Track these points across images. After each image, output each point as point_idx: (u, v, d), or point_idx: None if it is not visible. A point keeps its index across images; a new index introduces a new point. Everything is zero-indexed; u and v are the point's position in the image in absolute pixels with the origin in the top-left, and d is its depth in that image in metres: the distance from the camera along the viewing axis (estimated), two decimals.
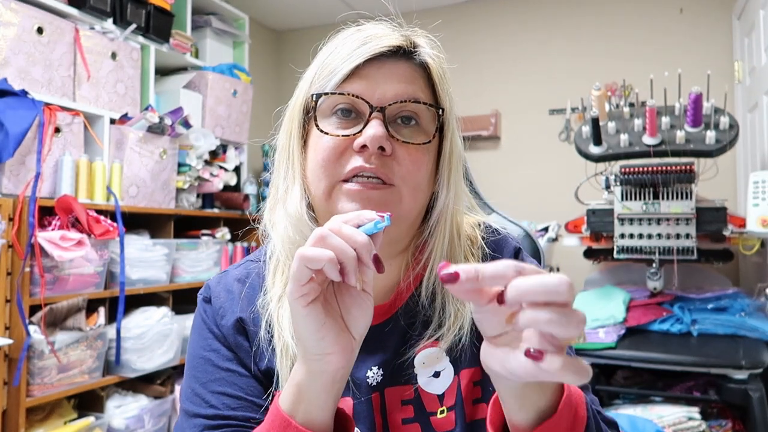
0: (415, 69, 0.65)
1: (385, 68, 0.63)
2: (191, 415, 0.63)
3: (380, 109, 0.61)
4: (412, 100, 0.62)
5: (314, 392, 0.53)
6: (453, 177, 0.67)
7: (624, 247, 2.11)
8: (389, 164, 0.61)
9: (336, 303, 0.53)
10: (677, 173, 2.03)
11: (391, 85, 0.62)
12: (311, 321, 0.50)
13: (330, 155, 0.62)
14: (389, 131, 0.61)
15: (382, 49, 0.62)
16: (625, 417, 1.78)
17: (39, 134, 1.96)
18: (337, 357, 0.52)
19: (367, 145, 0.59)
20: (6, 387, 1.80)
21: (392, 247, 0.67)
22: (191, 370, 0.67)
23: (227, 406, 0.63)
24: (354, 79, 0.62)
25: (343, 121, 0.63)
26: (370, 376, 0.66)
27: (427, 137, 0.64)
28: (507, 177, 3.37)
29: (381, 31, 0.65)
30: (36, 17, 2.04)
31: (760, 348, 1.89)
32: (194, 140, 2.57)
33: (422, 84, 0.65)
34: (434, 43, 0.68)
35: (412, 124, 0.63)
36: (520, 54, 3.44)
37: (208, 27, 2.98)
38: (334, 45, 0.65)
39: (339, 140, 0.62)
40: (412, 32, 0.67)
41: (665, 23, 3.12)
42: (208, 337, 0.68)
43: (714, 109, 2.08)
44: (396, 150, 0.61)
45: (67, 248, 1.90)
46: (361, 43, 0.63)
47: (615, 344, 1.96)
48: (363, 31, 0.65)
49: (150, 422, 2.18)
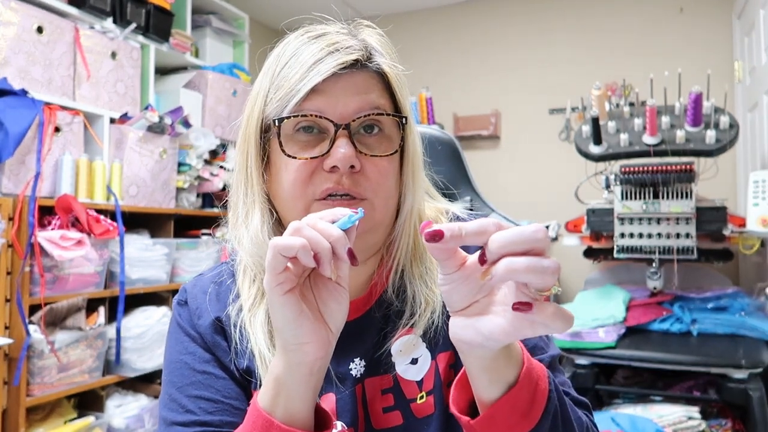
0: (372, 76, 0.64)
1: (343, 81, 0.62)
2: (168, 424, 0.63)
3: (345, 126, 0.61)
4: (375, 113, 0.62)
5: (293, 384, 0.53)
6: (417, 177, 0.68)
7: (624, 246, 2.11)
8: (359, 181, 0.62)
9: (312, 296, 0.54)
10: (677, 173, 2.03)
11: (351, 98, 0.62)
12: (289, 309, 0.51)
13: (300, 176, 0.62)
14: (356, 148, 0.61)
15: (339, 66, 0.61)
16: (625, 416, 1.78)
17: (39, 134, 1.96)
18: (315, 347, 0.52)
19: (338, 166, 0.60)
20: (6, 386, 1.80)
21: (366, 253, 0.69)
22: (168, 376, 0.68)
23: (204, 410, 0.62)
24: (312, 96, 0.61)
25: (309, 138, 0.63)
26: (353, 368, 0.67)
27: (391, 144, 0.64)
28: (507, 177, 3.37)
29: (334, 38, 0.64)
30: (36, 17, 2.04)
31: (759, 347, 1.89)
32: (194, 140, 2.57)
33: (380, 90, 0.65)
34: (383, 40, 0.68)
35: (375, 132, 0.64)
36: (520, 54, 3.44)
37: (208, 26, 2.98)
38: (286, 58, 0.64)
39: (307, 163, 0.62)
40: (359, 28, 0.67)
41: (665, 23, 3.12)
42: (183, 341, 0.69)
43: (714, 108, 2.08)
44: (364, 165, 0.62)
45: (67, 248, 1.90)
46: (317, 59, 0.61)
47: (615, 344, 1.96)
48: (316, 41, 0.64)
49: (150, 422, 2.18)
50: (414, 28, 3.62)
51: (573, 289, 2.97)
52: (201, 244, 2.55)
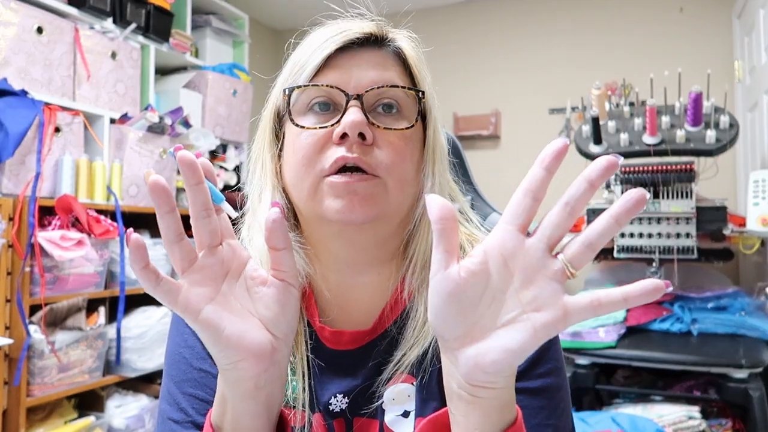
0: (390, 56, 0.62)
1: (359, 56, 0.60)
2: (164, 417, 0.62)
3: (357, 97, 0.57)
4: (389, 85, 0.59)
5: (237, 400, 0.50)
6: (437, 167, 0.63)
7: (624, 246, 2.11)
8: (371, 152, 0.57)
9: (249, 300, 0.49)
10: (677, 172, 2.03)
11: (365, 72, 0.59)
12: (206, 332, 0.46)
13: (310, 151, 0.58)
14: (369, 118, 0.58)
15: (353, 36, 0.59)
16: (625, 416, 1.78)
17: (39, 134, 1.96)
18: (251, 363, 0.48)
19: (347, 132, 0.56)
20: (6, 387, 1.80)
21: (380, 250, 0.62)
22: (167, 367, 0.66)
23: (197, 411, 0.60)
24: (326, 71, 0.59)
25: (321, 115, 0.59)
26: (333, 403, 0.62)
27: (409, 123, 0.60)
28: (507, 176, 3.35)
29: (352, 24, 0.62)
30: (36, 17, 2.04)
31: (760, 347, 1.89)
32: (194, 140, 2.57)
33: (398, 70, 0.62)
34: (409, 34, 0.65)
35: (393, 112, 0.60)
36: (520, 53, 3.44)
37: (208, 26, 2.98)
38: (304, 42, 0.63)
39: (318, 134, 0.58)
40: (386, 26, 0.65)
41: (665, 22, 3.12)
42: (184, 332, 0.66)
43: (714, 108, 2.08)
44: (377, 138, 0.58)
45: (67, 248, 1.90)
46: (332, 34, 0.60)
47: (615, 343, 1.96)
48: (333, 25, 0.63)
49: (150, 422, 2.18)
50: (413, 28, 3.59)
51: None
52: None
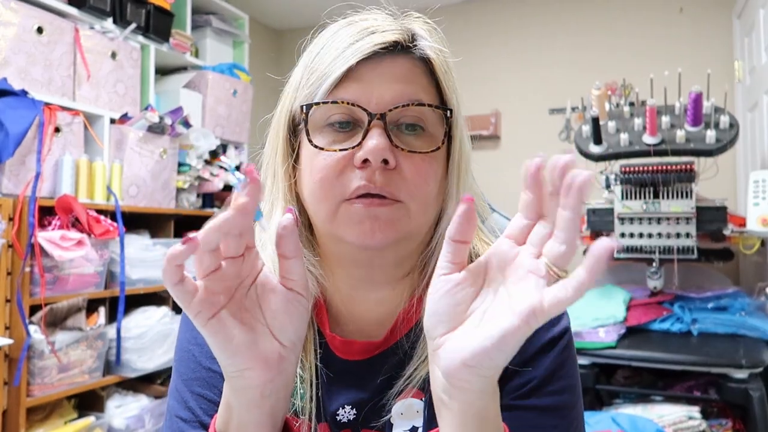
0: (416, 65, 0.57)
1: (382, 67, 0.55)
2: (173, 415, 0.62)
3: (380, 117, 0.54)
4: (415, 103, 0.55)
5: (243, 409, 0.49)
6: (462, 184, 0.59)
7: (624, 246, 2.11)
8: (394, 180, 0.54)
9: (259, 309, 0.48)
10: (677, 172, 2.03)
11: (388, 87, 0.55)
12: (215, 338, 0.45)
13: (329, 174, 0.55)
14: (392, 141, 0.54)
15: (375, 47, 0.55)
16: (625, 416, 1.78)
17: (39, 134, 1.96)
18: (258, 372, 0.47)
19: (369, 159, 0.53)
20: (6, 387, 1.80)
21: (398, 269, 0.61)
22: (176, 363, 0.65)
23: (205, 411, 0.60)
24: (346, 82, 0.55)
25: (340, 133, 0.56)
26: (340, 414, 0.61)
27: (434, 144, 0.56)
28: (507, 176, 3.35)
29: (373, 23, 0.57)
30: (36, 17, 2.04)
31: (760, 347, 1.89)
32: (194, 140, 2.56)
33: (424, 82, 0.58)
34: (434, 30, 0.61)
35: (416, 131, 0.56)
36: (520, 53, 3.44)
37: (208, 26, 2.98)
38: (321, 43, 0.59)
39: (337, 157, 0.55)
40: (407, 17, 0.61)
41: (665, 22, 3.12)
42: (193, 328, 0.64)
43: (714, 108, 2.08)
44: (401, 162, 0.55)
45: (67, 248, 1.90)
46: (353, 40, 0.55)
47: (615, 344, 1.96)
48: (353, 24, 0.58)
49: (150, 422, 2.18)
50: None
51: None
52: None
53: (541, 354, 0.59)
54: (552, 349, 0.60)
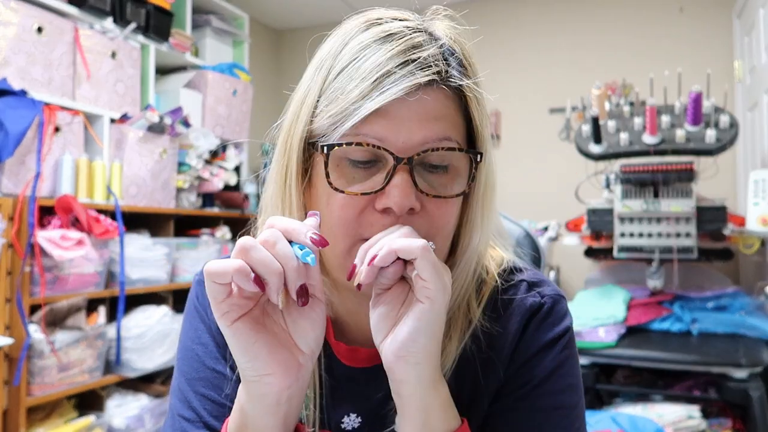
0: (447, 97, 0.53)
1: (414, 102, 0.51)
2: (175, 414, 0.62)
3: (407, 161, 0.51)
4: (445, 147, 0.52)
5: (258, 416, 0.49)
6: (486, 216, 0.58)
7: (624, 246, 2.11)
8: (417, 222, 0.52)
9: (281, 316, 0.49)
10: (677, 172, 2.03)
11: (418, 126, 0.51)
12: (238, 341, 0.46)
13: (348, 215, 0.52)
14: (417, 186, 0.51)
15: (413, 87, 0.50)
16: (625, 416, 1.78)
17: (39, 134, 1.96)
18: (278, 378, 0.47)
19: (394, 209, 0.51)
20: (6, 386, 1.80)
21: None
22: (179, 361, 0.65)
23: (209, 412, 0.60)
24: (373, 118, 0.50)
25: (361, 169, 0.52)
26: (345, 422, 0.61)
27: (460, 185, 0.54)
28: (507, 176, 3.37)
29: (408, 42, 0.52)
30: (36, 16, 2.04)
31: (760, 347, 1.89)
32: (194, 139, 2.57)
33: (455, 117, 0.54)
34: (460, 40, 0.57)
35: (443, 169, 0.54)
36: (520, 53, 3.44)
37: (208, 26, 2.97)
38: (346, 59, 0.53)
39: (356, 198, 0.52)
40: (431, 19, 0.58)
41: (665, 22, 3.12)
42: (198, 327, 0.65)
43: (714, 107, 2.08)
44: (425, 205, 0.53)
45: (67, 248, 1.90)
46: (384, 71, 0.50)
47: (615, 343, 1.96)
48: (384, 43, 0.52)
49: (150, 422, 2.18)
50: None
51: (573, 289, 2.97)
52: (201, 244, 2.56)
53: (541, 353, 0.59)
54: (552, 349, 0.59)
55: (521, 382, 0.58)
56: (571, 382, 0.60)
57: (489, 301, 0.62)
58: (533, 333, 0.60)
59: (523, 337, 0.60)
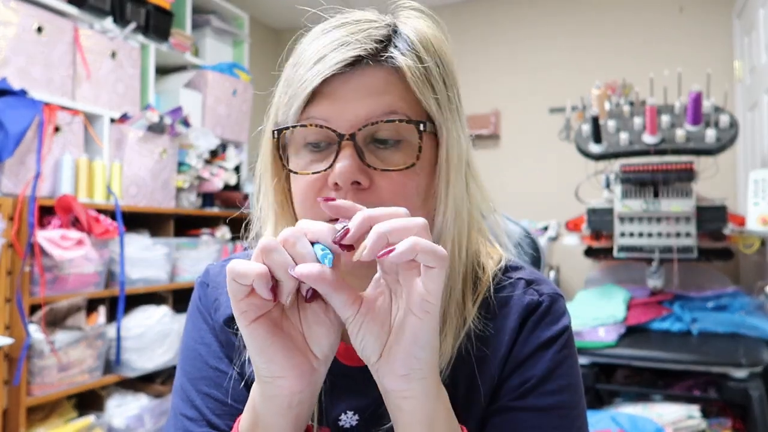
0: (391, 73, 0.55)
1: (354, 81, 0.53)
2: (177, 413, 0.62)
3: (349, 137, 0.52)
4: (385, 119, 0.53)
5: (269, 416, 0.50)
6: (451, 192, 0.57)
7: (624, 245, 2.11)
8: (369, 200, 0.53)
9: (297, 318, 0.49)
10: (677, 172, 2.03)
11: (361, 102, 0.53)
12: (255, 341, 0.46)
13: (308, 196, 0.55)
14: (364, 160, 0.53)
15: (339, 64, 0.53)
16: (625, 416, 1.78)
17: (39, 134, 1.96)
18: (291, 381, 0.47)
19: (338, 183, 0.52)
20: (6, 386, 1.80)
21: None
22: (182, 361, 0.65)
23: (212, 410, 0.60)
24: (319, 99, 0.54)
25: (316, 153, 0.55)
26: (342, 419, 0.61)
27: (412, 156, 0.54)
28: (507, 176, 3.37)
29: (349, 29, 0.55)
30: (35, 16, 2.04)
31: (760, 346, 1.89)
32: (194, 139, 2.57)
33: (401, 89, 0.55)
34: (425, 25, 0.58)
35: (394, 143, 0.55)
36: (520, 53, 3.44)
37: (208, 26, 2.97)
38: (298, 54, 0.57)
39: (313, 179, 0.55)
40: (398, 11, 0.59)
41: (665, 22, 3.12)
42: (201, 328, 0.65)
43: (714, 107, 2.08)
44: (375, 180, 0.54)
45: (67, 248, 1.90)
46: (320, 56, 0.54)
47: (615, 343, 1.96)
48: (327, 33, 0.56)
49: (150, 421, 2.18)
50: None
51: (573, 288, 2.97)
52: (201, 243, 2.56)
53: (538, 352, 0.59)
54: (550, 348, 0.59)
55: (519, 381, 0.58)
56: (570, 381, 0.59)
57: (485, 299, 0.61)
58: (530, 331, 0.60)
59: (520, 336, 0.59)
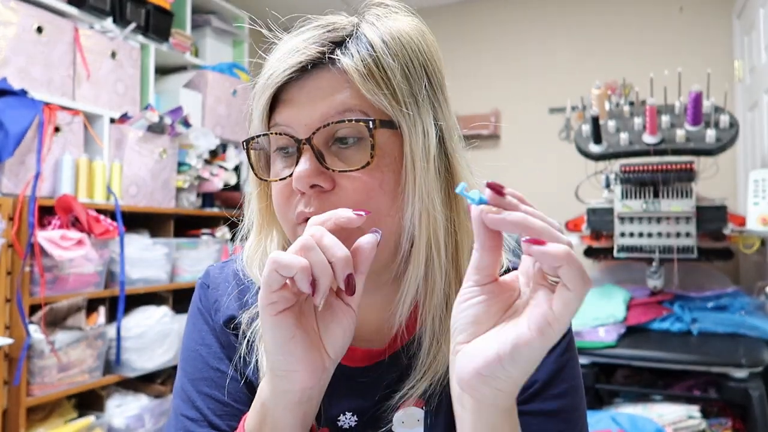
0: (341, 73, 0.54)
1: (308, 86, 0.54)
2: (178, 414, 0.62)
3: (306, 141, 0.53)
4: (337, 120, 0.53)
5: (278, 412, 0.50)
6: (418, 189, 0.54)
7: (624, 245, 2.11)
8: (331, 202, 0.53)
9: (314, 316, 0.50)
10: (677, 172, 2.03)
11: (316, 106, 0.54)
12: (279, 333, 0.47)
13: (280, 201, 0.56)
14: (323, 162, 0.53)
15: (287, 71, 0.54)
16: (625, 416, 1.78)
17: (39, 134, 1.96)
18: (304, 375, 0.48)
19: (299, 187, 0.53)
20: (6, 386, 1.80)
21: (379, 276, 0.59)
22: (183, 362, 0.65)
23: (213, 411, 0.60)
24: (281, 107, 0.55)
25: (285, 158, 0.57)
26: (341, 420, 0.62)
27: (369, 154, 0.54)
28: (507, 176, 3.36)
29: (299, 41, 0.55)
30: (35, 16, 2.04)
31: (760, 347, 1.89)
32: (194, 139, 2.56)
33: (355, 88, 0.54)
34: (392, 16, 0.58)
35: (353, 142, 0.54)
36: (520, 52, 3.44)
37: (208, 26, 2.97)
38: (265, 65, 0.59)
39: (282, 185, 0.56)
40: (364, 11, 0.59)
41: (665, 22, 3.12)
42: (202, 329, 0.65)
43: (714, 107, 2.08)
44: (340, 182, 0.54)
45: (67, 248, 1.90)
46: (276, 67, 0.55)
47: (615, 343, 1.96)
48: (286, 43, 0.57)
49: (150, 421, 2.18)
50: None
51: None
52: (201, 243, 2.55)
53: None
54: (553, 351, 0.59)
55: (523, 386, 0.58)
56: (573, 384, 0.59)
57: None
58: None
59: None
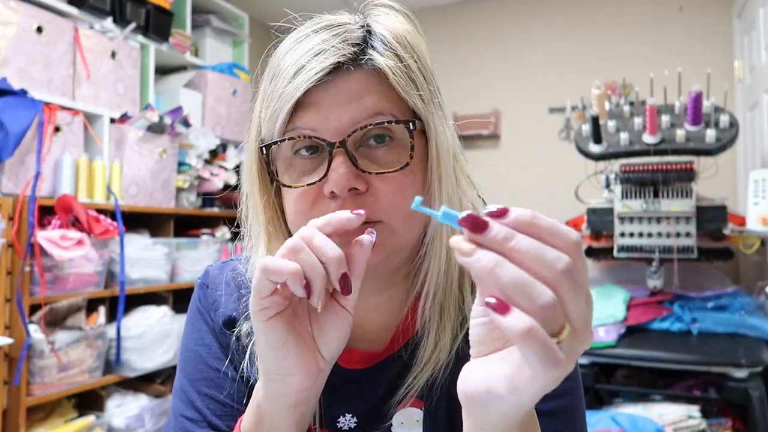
0: (370, 75, 0.54)
1: (334, 88, 0.53)
2: (178, 414, 0.62)
3: (339, 144, 0.52)
4: (374, 123, 0.53)
5: (275, 414, 0.50)
6: (444, 187, 0.56)
7: (624, 245, 2.11)
8: (368, 203, 0.53)
9: (308, 319, 0.49)
10: (677, 172, 2.02)
11: (344, 108, 0.53)
12: (271, 338, 0.46)
13: (302, 206, 0.55)
14: (358, 166, 0.53)
15: (319, 74, 0.52)
16: (625, 416, 1.78)
17: (39, 133, 1.96)
18: (299, 379, 0.48)
19: (336, 192, 0.52)
20: (6, 386, 1.80)
21: (391, 277, 0.60)
22: (182, 362, 0.65)
23: (212, 411, 0.61)
24: (303, 110, 0.53)
25: (308, 160, 0.55)
26: (341, 422, 0.61)
27: (405, 155, 0.54)
28: (507, 176, 3.37)
29: (321, 36, 0.54)
30: (35, 16, 2.04)
31: (760, 346, 1.89)
32: (194, 139, 2.56)
33: (383, 89, 0.54)
34: (398, 22, 0.57)
35: (385, 142, 0.54)
36: (520, 53, 3.44)
37: (208, 26, 2.97)
38: (275, 66, 0.57)
39: (306, 190, 0.54)
40: (366, 11, 0.58)
41: (665, 22, 3.12)
42: (201, 329, 0.65)
43: (714, 107, 2.08)
44: (372, 183, 0.53)
45: (67, 248, 1.90)
46: (299, 67, 0.53)
47: (615, 343, 1.96)
48: (301, 43, 0.55)
49: (150, 421, 2.18)
50: None
51: None
52: (201, 243, 2.55)
53: None
54: None
55: None
56: (572, 384, 0.59)
57: None
58: None
59: None
